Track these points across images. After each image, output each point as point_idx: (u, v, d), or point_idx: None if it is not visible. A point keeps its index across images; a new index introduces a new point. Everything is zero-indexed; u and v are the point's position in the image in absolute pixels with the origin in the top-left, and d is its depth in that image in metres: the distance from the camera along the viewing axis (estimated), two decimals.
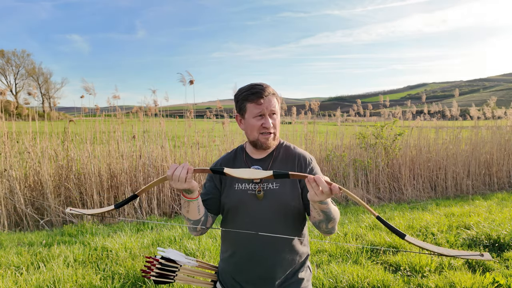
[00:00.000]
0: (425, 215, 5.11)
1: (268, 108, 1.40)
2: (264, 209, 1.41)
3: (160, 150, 6.37)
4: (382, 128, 7.40)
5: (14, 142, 5.94)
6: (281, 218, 1.41)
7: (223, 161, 1.57)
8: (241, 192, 1.44)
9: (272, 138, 1.44)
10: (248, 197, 1.43)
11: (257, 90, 1.39)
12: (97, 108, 6.77)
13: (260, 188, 1.42)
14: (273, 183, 1.43)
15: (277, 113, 1.44)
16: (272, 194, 1.41)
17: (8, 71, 49.00)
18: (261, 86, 1.40)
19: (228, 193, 1.48)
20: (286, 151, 1.53)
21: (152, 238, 4.28)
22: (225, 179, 1.51)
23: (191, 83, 5.89)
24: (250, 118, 1.42)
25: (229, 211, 1.48)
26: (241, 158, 1.54)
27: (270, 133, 1.42)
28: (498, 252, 3.73)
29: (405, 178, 7.15)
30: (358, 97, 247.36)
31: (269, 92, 1.40)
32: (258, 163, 1.49)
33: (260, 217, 1.41)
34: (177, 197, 6.20)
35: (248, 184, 1.45)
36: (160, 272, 1.30)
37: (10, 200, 5.35)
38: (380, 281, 3.03)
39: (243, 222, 1.43)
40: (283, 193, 1.41)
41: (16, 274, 3.29)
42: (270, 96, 1.40)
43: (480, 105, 9.34)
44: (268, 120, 1.41)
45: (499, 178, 7.97)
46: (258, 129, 1.42)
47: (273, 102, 1.41)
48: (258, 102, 1.39)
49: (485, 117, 8.74)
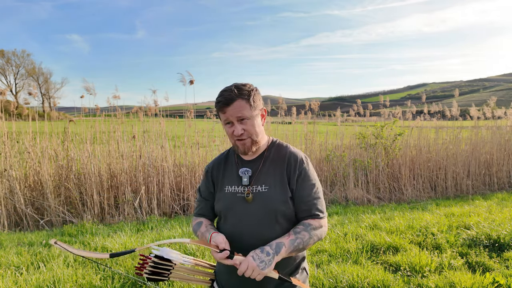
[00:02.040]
0: (425, 215, 5.11)
1: (233, 115, 1.34)
2: (253, 212, 1.38)
3: (160, 150, 6.37)
4: (382, 128, 7.40)
5: (14, 142, 5.94)
6: (270, 221, 1.38)
7: (214, 164, 1.56)
8: (230, 195, 1.44)
9: (250, 143, 1.39)
10: (237, 200, 1.41)
11: (220, 99, 1.35)
12: (97, 108, 6.78)
13: (249, 191, 1.40)
14: (262, 185, 1.40)
15: (251, 117, 1.36)
16: (261, 197, 1.39)
17: (8, 71, 49.04)
18: (227, 92, 1.34)
19: (219, 196, 1.48)
20: (278, 151, 1.47)
21: (152, 238, 4.28)
22: (217, 181, 1.51)
23: (191, 83, 5.90)
24: (223, 125, 1.42)
25: (220, 214, 1.48)
26: (232, 159, 1.51)
27: (244, 139, 1.38)
28: (498, 252, 3.73)
29: (405, 178, 7.15)
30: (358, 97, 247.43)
31: (235, 97, 1.33)
32: (248, 165, 1.46)
33: (248, 220, 1.39)
34: (176, 197, 6.20)
35: (237, 187, 1.43)
36: (153, 270, 1.30)
37: (10, 200, 5.35)
38: (380, 281, 3.03)
39: (232, 224, 1.42)
40: (272, 196, 1.39)
41: (16, 274, 3.29)
42: (237, 102, 1.33)
43: (480, 105, 9.34)
44: (237, 127, 1.35)
45: (499, 178, 7.97)
46: (231, 136, 1.40)
47: (242, 107, 1.34)
48: (223, 110, 1.35)
49: (485, 117, 8.74)
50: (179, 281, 1.36)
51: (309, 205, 1.40)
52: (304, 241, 1.33)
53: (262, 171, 1.43)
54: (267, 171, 1.43)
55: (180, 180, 6.31)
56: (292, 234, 1.34)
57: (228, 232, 1.41)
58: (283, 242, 1.30)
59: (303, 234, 1.34)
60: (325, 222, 1.43)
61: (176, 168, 6.38)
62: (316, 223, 1.38)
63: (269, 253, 1.25)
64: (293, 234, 1.33)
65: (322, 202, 1.44)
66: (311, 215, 1.40)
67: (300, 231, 1.34)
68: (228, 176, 1.48)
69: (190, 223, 5.05)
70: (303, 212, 1.41)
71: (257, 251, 1.26)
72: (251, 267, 1.22)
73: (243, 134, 1.37)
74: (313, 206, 1.40)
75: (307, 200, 1.40)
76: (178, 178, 6.31)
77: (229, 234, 1.40)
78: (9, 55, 49.27)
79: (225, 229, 1.44)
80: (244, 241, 1.37)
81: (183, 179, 6.27)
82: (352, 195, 6.68)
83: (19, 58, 50.15)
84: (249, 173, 1.43)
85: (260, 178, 1.42)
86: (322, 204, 1.44)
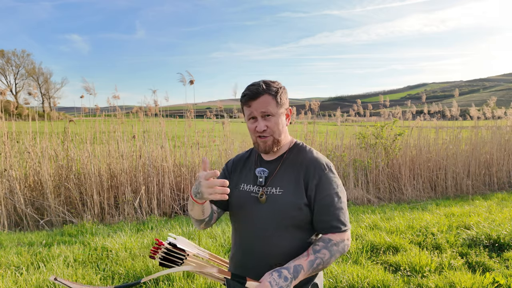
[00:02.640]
0: (425, 215, 5.11)
1: (258, 110, 1.29)
2: (264, 214, 1.32)
3: (160, 150, 6.37)
4: (382, 128, 7.40)
5: (14, 142, 5.95)
6: (280, 226, 1.30)
7: (235, 159, 1.53)
8: (245, 193, 1.39)
9: (271, 142, 1.33)
10: (250, 200, 1.36)
11: (247, 93, 1.30)
12: (97, 108, 6.78)
13: (263, 192, 1.34)
14: (276, 188, 1.33)
15: (275, 114, 1.30)
16: (273, 199, 1.32)
17: (8, 71, 49.05)
18: (255, 86, 1.30)
19: (233, 192, 1.42)
20: (298, 154, 1.38)
21: (152, 238, 4.28)
22: (234, 176, 1.47)
23: (191, 83, 5.90)
24: (246, 120, 1.37)
25: (232, 211, 1.45)
26: (253, 158, 1.47)
27: (265, 137, 1.32)
28: (498, 252, 3.73)
29: (405, 178, 7.15)
30: (358, 97, 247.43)
31: (262, 92, 1.28)
32: (266, 165, 1.40)
33: (259, 222, 1.33)
34: (177, 197, 6.20)
35: (252, 186, 1.38)
36: (165, 257, 1.30)
37: (10, 200, 5.35)
38: (380, 281, 3.03)
39: (243, 225, 1.39)
40: (285, 200, 1.31)
41: (16, 274, 3.29)
42: (263, 97, 1.28)
43: (480, 105, 9.34)
44: (260, 123, 1.30)
45: (499, 178, 7.97)
46: (253, 132, 1.34)
47: (267, 103, 1.29)
48: (248, 104, 1.30)
49: (485, 117, 8.74)
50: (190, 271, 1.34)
51: (329, 216, 1.28)
52: (325, 260, 1.23)
53: (279, 173, 1.36)
54: (284, 174, 1.35)
55: (180, 180, 6.31)
56: (312, 254, 1.22)
57: (238, 232, 1.38)
58: (301, 264, 1.19)
59: (323, 252, 1.23)
60: (347, 235, 1.30)
61: (176, 168, 6.38)
62: (337, 238, 1.27)
63: (287, 278, 1.15)
64: (312, 254, 1.22)
65: (344, 213, 1.31)
66: (331, 227, 1.28)
67: (320, 249, 1.23)
68: (246, 173, 1.44)
69: (190, 223, 5.05)
70: (322, 223, 1.29)
71: (275, 276, 1.15)
72: None
73: (265, 131, 1.31)
74: (333, 217, 1.28)
75: (327, 211, 1.28)
76: (178, 178, 6.32)
77: (239, 234, 1.36)
78: (9, 55, 49.32)
79: (237, 226, 1.42)
80: (255, 247, 1.32)
81: (183, 179, 6.28)
82: (352, 195, 6.68)
83: (19, 58, 50.21)
84: (265, 174, 1.38)
85: (276, 180, 1.35)
86: (345, 216, 1.31)
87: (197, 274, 1.42)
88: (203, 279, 3.08)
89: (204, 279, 3.07)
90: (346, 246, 1.30)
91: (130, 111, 7.64)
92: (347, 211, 1.34)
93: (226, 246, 3.94)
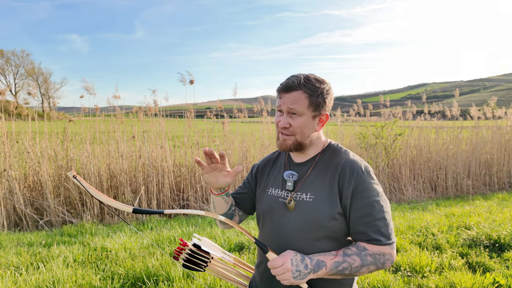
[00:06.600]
0: (426, 215, 5.10)
1: (286, 104, 1.18)
2: (292, 222, 1.21)
3: (160, 150, 6.37)
4: (382, 128, 7.39)
5: (13, 142, 5.94)
6: (310, 236, 1.18)
7: (262, 161, 1.44)
8: (272, 198, 1.29)
9: (292, 142, 1.21)
10: (278, 205, 1.26)
11: (283, 83, 1.20)
12: (96, 108, 6.78)
13: (292, 197, 1.22)
14: (307, 193, 1.21)
15: (303, 114, 1.18)
16: (303, 206, 1.20)
17: (8, 71, 49.01)
18: (293, 78, 1.19)
19: (261, 197, 1.34)
20: (332, 156, 1.25)
21: (151, 239, 4.28)
22: (261, 179, 1.39)
23: (191, 83, 5.90)
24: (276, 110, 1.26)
25: (259, 216, 1.36)
26: (283, 160, 1.36)
27: (287, 135, 1.21)
28: (498, 252, 3.72)
29: (405, 178, 7.14)
30: (358, 97, 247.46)
31: (297, 87, 1.17)
32: (296, 168, 1.28)
33: (286, 230, 1.22)
34: (176, 198, 6.19)
35: (281, 191, 1.27)
36: (189, 258, 1.25)
37: (9, 200, 5.35)
38: (380, 281, 3.02)
39: (269, 231, 1.29)
40: (316, 208, 1.18)
41: (15, 274, 3.28)
42: (296, 92, 1.16)
43: (481, 105, 9.33)
44: (284, 119, 1.20)
45: (500, 178, 7.97)
46: (276, 125, 1.24)
47: (298, 100, 1.16)
48: (279, 94, 1.21)
49: (486, 117, 8.74)
50: (214, 275, 1.31)
51: (367, 227, 1.14)
52: (353, 267, 1.11)
53: (309, 177, 1.24)
54: (315, 178, 1.23)
55: (180, 180, 6.30)
56: (340, 256, 1.13)
57: (264, 240, 1.29)
58: (325, 262, 1.11)
59: (353, 258, 1.12)
60: (390, 249, 1.15)
61: (176, 168, 6.37)
62: (375, 249, 1.14)
63: (307, 267, 1.09)
64: (341, 256, 1.12)
65: (387, 224, 1.15)
66: (370, 240, 1.14)
67: (351, 254, 1.13)
68: (274, 177, 1.34)
69: (190, 223, 5.04)
70: (359, 235, 1.16)
71: (298, 257, 1.10)
72: (285, 268, 1.07)
73: (287, 129, 1.20)
74: (372, 228, 1.14)
75: (366, 221, 1.14)
76: (178, 178, 6.31)
77: (266, 242, 1.26)
78: (8, 55, 49.27)
79: (262, 233, 1.33)
80: (280, 252, 1.22)
81: (183, 179, 6.27)
82: None
83: (19, 58, 50.15)
84: (294, 177, 1.25)
85: (306, 185, 1.23)
86: (388, 227, 1.15)
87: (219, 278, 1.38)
88: (203, 279, 3.07)
89: (204, 280, 3.07)
90: (388, 262, 1.15)
91: (129, 111, 7.64)
92: (391, 222, 1.18)
93: (226, 246, 3.94)
